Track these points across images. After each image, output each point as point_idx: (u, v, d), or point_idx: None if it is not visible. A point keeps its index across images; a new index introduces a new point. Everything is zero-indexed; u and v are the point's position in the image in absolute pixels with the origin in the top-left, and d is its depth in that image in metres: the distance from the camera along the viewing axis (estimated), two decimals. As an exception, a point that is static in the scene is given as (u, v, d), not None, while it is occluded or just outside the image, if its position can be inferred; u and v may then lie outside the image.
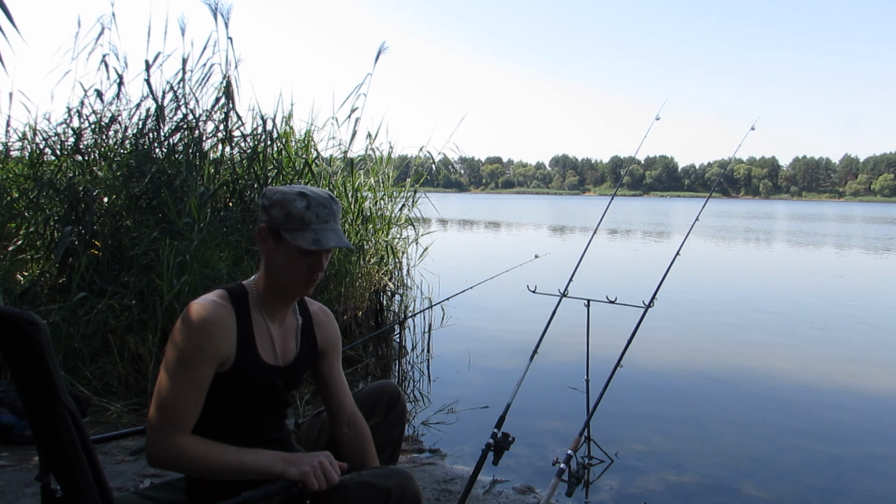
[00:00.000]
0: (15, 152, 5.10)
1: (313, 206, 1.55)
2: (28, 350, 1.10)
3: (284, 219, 1.54)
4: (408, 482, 1.56)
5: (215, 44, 4.98)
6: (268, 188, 1.61)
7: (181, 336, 1.48)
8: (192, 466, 1.47)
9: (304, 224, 1.54)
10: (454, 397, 4.60)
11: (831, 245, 21.87)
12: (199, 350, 1.48)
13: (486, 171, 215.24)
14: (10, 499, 2.67)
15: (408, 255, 6.03)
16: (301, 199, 1.54)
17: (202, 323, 1.48)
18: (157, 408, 1.48)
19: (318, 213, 1.55)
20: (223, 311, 1.54)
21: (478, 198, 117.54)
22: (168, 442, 1.45)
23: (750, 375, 5.59)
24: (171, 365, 1.48)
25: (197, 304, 1.52)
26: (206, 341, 1.48)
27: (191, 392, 1.48)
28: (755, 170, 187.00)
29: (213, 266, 4.09)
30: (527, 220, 36.45)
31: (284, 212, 1.54)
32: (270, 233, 1.57)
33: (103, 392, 3.73)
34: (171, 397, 1.46)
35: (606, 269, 11.80)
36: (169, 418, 1.46)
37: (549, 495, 2.49)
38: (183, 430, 1.47)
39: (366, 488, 1.52)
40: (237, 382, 1.56)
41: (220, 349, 1.51)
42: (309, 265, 1.58)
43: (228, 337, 1.53)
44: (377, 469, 1.62)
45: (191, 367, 1.47)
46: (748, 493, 3.29)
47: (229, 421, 1.59)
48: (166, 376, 1.48)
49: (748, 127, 3.96)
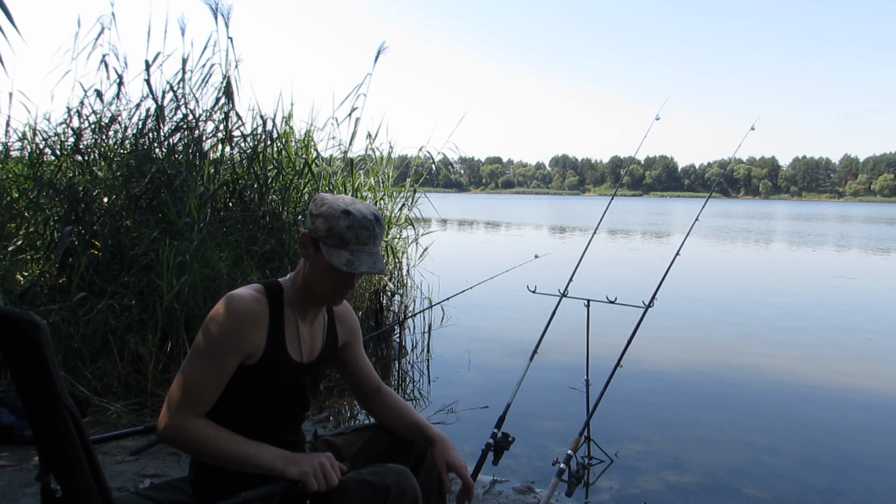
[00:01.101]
0: (15, 152, 5.11)
1: (355, 227, 1.56)
2: (28, 350, 1.10)
3: (326, 233, 1.57)
4: (406, 480, 1.58)
5: (215, 44, 4.99)
6: (319, 195, 1.64)
7: (214, 323, 1.53)
8: (199, 448, 1.50)
9: (343, 243, 1.56)
10: (454, 397, 4.60)
11: (831, 245, 21.88)
12: (229, 340, 1.52)
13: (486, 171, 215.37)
14: (10, 499, 2.67)
15: (408, 255, 6.04)
16: (345, 217, 1.56)
17: (236, 314, 1.53)
18: (178, 386, 1.52)
19: (357, 235, 1.57)
20: (258, 305, 1.58)
21: (478, 198, 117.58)
22: (181, 421, 1.49)
23: (750, 375, 5.59)
24: (199, 348, 1.53)
25: (234, 295, 1.57)
26: (237, 332, 1.53)
27: (212, 378, 1.52)
28: (755, 170, 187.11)
29: (212, 266, 4.09)
30: (526, 220, 36.46)
31: (327, 226, 1.57)
32: (312, 241, 1.61)
33: (103, 392, 3.72)
34: (192, 379, 1.51)
35: (606, 269, 11.80)
36: (186, 399, 1.50)
37: (549, 495, 2.49)
38: (197, 412, 1.51)
39: (364, 486, 1.53)
40: (262, 376, 1.59)
41: (249, 341, 1.55)
42: (339, 283, 1.61)
43: (260, 331, 1.57)
44: (375, 467, 1.63)
45: (217, 355, 1.52)
46: (748, 493, 3.29)
47: (248, 414, 1.61)
48: (193, 358, 1.53)
49: (748, 127, 3.98)
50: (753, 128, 3.96)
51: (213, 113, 4.97)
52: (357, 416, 4.25)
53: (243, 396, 1.59)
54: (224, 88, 4.93)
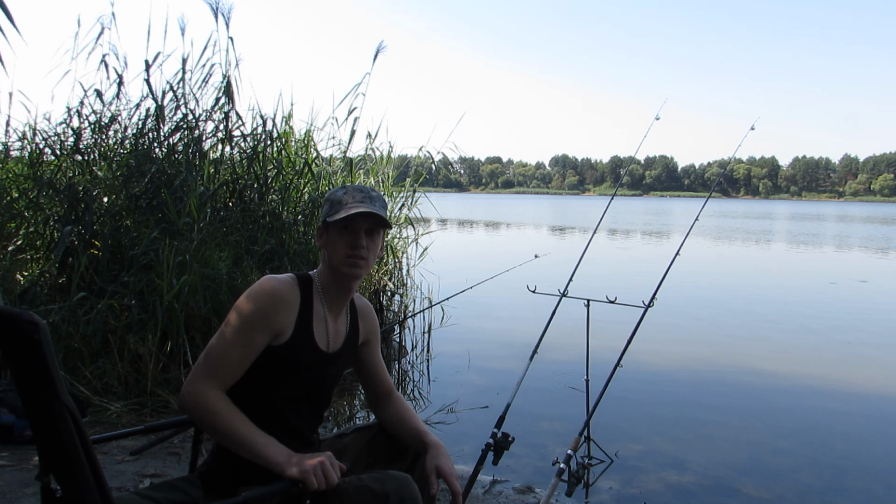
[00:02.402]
0: (15, 152, 5.11)
1: (350, 191, 1.72)
2: (28, 350, 1.10)
3: (328, 208, 1.72)
4: (406, 487, 1.56)
5: (215, 44, 4.99)
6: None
7: (248, 300, 1.60)
8: (211, 421, 1.52)
9: (341, 205, 1.69)
10: (454, 397, 4.60)
11: (830, 245, 21.88)
12: (261, 316, 1.58)
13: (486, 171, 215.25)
14: (10, 499, 2.67)
15: (407, 255, 6.04)
16: (341, 189, 1.74)
17: (271, 292, 1.61)
18: (205, 356, 1.58)
19: (353, 196, 1.71)
20: (291, 289, 1.67)
21: (477, 198, 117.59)
22: (201, 389, 1.53)
23: (750, 375, 5.59)
24: (230, 323, 1.59)
25: (269, 277, 1.66)
26: (270, 310, 1.60)
27: (239, 352, 1.57)
28: (755, 170, 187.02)
29: (212, 266, 4.09)
30: (526, 219, 36.47)
31: (328, 203, 1.73)
32: (323, 225, 1.74)
33: (103, 392, 3.72)
34: (220, 351, 1.57)
35: (606, 269, 11.80)
36: (211, 369, 1.55)
37: (549, 495, 2.49)
38: (219, 385, 1.55)
39: (365, 493, 1.52)
40: (288, 358, 1.64)
41: (279, 321, 1.62)
42: (348, 242, 1.69)
43: (290, 312, 1.65)
44: (376, 474, 1.62)
45: (247, 330, 1.57)
46: (748, 493, 3.29)
47: (272, 399, 1.66)
48: (223, 331, 1.59)
49: (748, 127, 3.97)
50: (753, 128, 3.96)
51: (213, 113, 4.98)
52: (357, 416, 4.26)
53: (267, 378, 1.63)
54: (224, 88, 4.94)
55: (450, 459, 1.76)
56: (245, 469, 1.54)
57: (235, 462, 1.55)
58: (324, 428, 3.76)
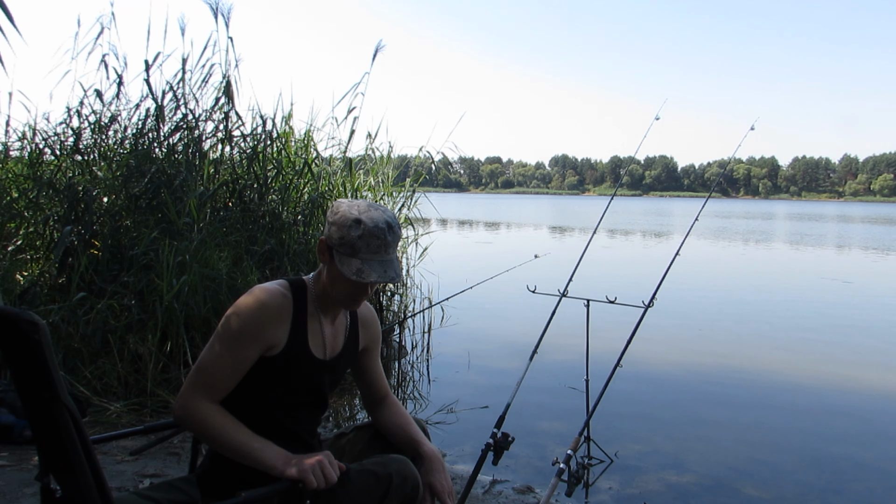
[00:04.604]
0: (14, 152, 5.11)
1: (366, 236, 1.56)
2: (28, 350, 1.10)
3: (338, 241, 1.59)
4: (407, 468, 1.63)
5: (215, 44, 4.99)
6: (336, 201, 1.66)
7: (239, 313, 1.56)
8: (207, 433, 1.53)
9: (354, 252, 1.58)
10: (454, 397, 4.60)
11: (830, 245, 21.88)
12: (251, 331, 1.56)
13: (486, 171, 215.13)
14: (10, 499, 2.67)
15: (407, 255, 6.04)
16: (356, 226, 1.56)
17: (260, 307, 1.57)
18: (196, 370, 1.56)
19: (368, 244, 1.57)
20: (283, 300, 1.62)
21: (477, 198, 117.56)
22: (192, 402, 1.53)
23: (750, 375, 5.59)
24: (220, 337, 1.56)
25: (260, 288, 1.61)
26: (260, 324, 1.56)
27: (229, 366, 1.55)
28: (755, 170, 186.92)
29: (212, 266, 4.08)
30: (526, 220, 36.45)
31: (339, 235, 1.59)
32: (327, 248, 1.63)
33: (103, 392, 3.72)
34: (210, 365, 1.55)
35: (606, 269, 11.80)
36: (202, 383, 1.54)
37: (549, 495, 2.49)
38: (211, 398, 1.54)
39: (367, 475, 1.57)
40: (282, 368, 1.62)
41: (271, 334, 1.58)
42: (353, 290, 1.64)
43: (282, 324, 1.61)
44: (377, 457, 1.67)
45: (237, 345, 1.55)
46: (748, 493, 3.29)
47: (268, 406, 1.64)
48: (214, 345, 1.56)
49: (748, 127, 3.97)
50: (753, 128, 3.96)
51: (213, 113, 4.97)
52: (356, 416, 4.25)
53: (263, 388, 1.62)
54: (224, 88, 4.94)
55: (445, 473, 1.75)
56: (242, 470, 1.54)
57: (231, 463, 1.55)
58: (323, 428, 3.76)
